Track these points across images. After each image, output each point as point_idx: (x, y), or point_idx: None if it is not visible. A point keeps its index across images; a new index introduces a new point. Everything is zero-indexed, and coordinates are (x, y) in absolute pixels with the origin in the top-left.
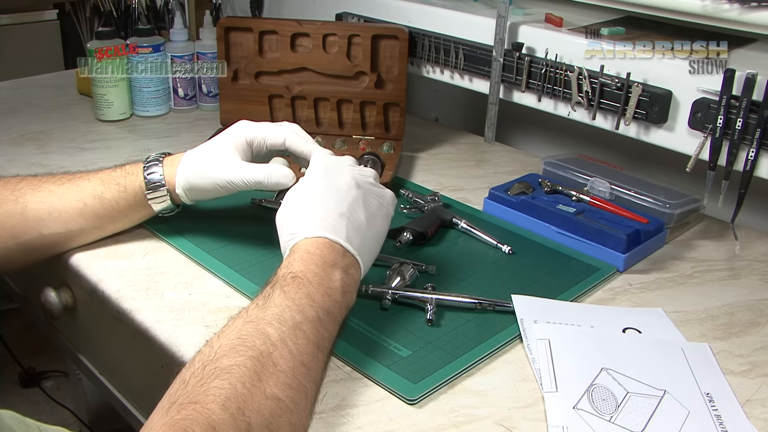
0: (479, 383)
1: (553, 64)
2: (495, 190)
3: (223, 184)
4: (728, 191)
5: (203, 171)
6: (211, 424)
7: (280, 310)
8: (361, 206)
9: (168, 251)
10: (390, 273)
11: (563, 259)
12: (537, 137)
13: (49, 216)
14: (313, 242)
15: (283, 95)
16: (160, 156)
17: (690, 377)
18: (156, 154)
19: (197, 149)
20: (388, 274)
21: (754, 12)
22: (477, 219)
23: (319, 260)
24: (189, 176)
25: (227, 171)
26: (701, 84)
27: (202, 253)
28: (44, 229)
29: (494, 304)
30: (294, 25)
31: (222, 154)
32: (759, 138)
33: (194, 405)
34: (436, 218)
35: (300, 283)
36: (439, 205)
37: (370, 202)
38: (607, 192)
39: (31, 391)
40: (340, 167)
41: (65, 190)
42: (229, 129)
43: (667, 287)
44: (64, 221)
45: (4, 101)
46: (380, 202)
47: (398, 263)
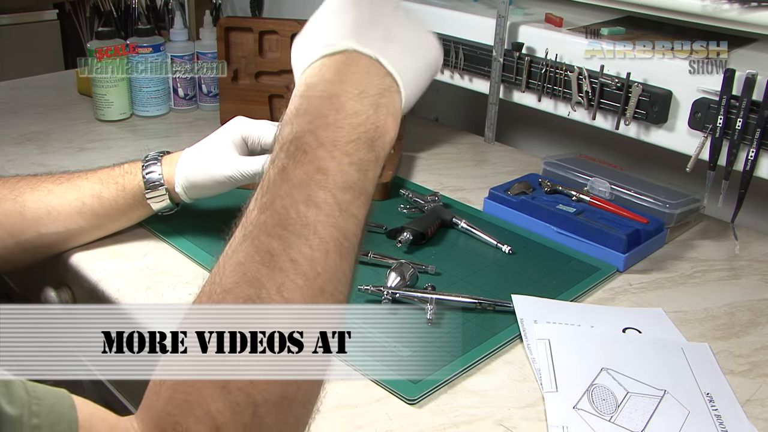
0: (479, 383)
1: (553, 64)
2: (495, 190)
3: (223, 180)
4: (728, 191)
5: (202, 168)
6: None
7: (272, 212)
8: (405, 20)
9: (168, 251)
10: (390, 272)
11: (563, 259)
12: (537, 137)
13: (47, 215)
14: (331, 62)
15: (283, 95)
16: (158, 155)
17: (690, 377)
18: (154, 153)
19: (195, 147)
20: (387, 274)
21: (754, 12)
22: (477, 219)
23: (333, 90)
24: (188, 174)
25: (226, 167)
26: (701, 84)
27: (202, 253)
28: (43, 228)
29: (494, 304)
30: (294, 25)
31: (220, 150)
32: (759, 138)
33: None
34: (436, 218)
35: (301, 147)
36: (439, 205)
37: (417, 24)
38: (607, 192)
39: None
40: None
41: (64, 190)
42: (226, 125)
43: (667, 287)
44: (62, 220)
45: (4, 101)
46: (428, 31)
47: (398, 263)
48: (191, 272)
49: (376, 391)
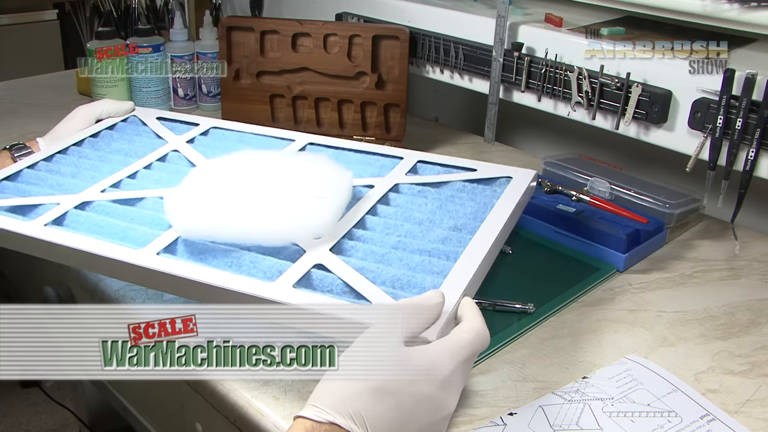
0: (479, 383)
1: (552, 64)
2: None
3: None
4: (728, 191)
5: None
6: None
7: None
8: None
9: None
10: None
11: (563, 259)
12: (537, 137)
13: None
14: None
15: (284, 95)
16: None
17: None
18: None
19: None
20: None
21: (754, 12)
22: None
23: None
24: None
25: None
26: (701, 84)
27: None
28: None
29: (494, 304)
30: (295, 25)
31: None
32: (759, 138)
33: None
34: None
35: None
36: None
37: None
38: (607, 192)
39: (31, 391)
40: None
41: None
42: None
43: (667, 287)
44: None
45: (4, 101)
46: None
47: None
48: None
49: None
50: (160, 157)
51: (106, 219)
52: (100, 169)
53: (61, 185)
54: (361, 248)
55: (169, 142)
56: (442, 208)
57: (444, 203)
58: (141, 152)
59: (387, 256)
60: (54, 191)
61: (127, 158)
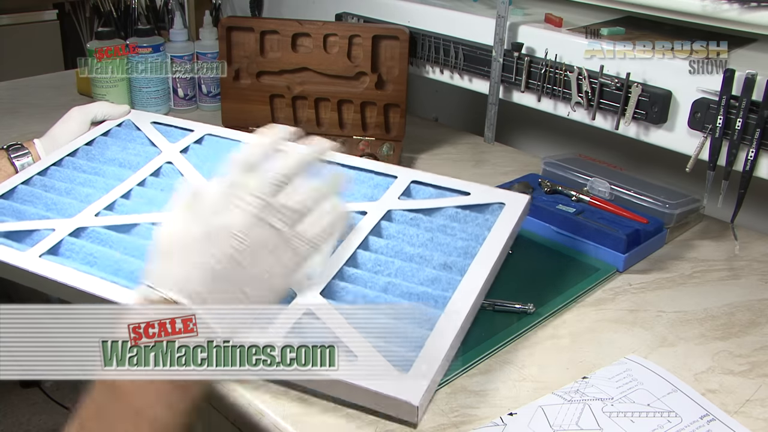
0: (479, 383)
1: (552, 64)
2: None
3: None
4: (728, 191)
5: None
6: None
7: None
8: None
9: None
10: None
11: (563, 259)
12: (537, 137)
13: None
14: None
15: (284, 95)
16: (18, 144)
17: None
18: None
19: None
20: None
21: (754, 12)
22: None
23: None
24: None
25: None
26: (701, 84)
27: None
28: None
29: (494, 304)
30: (295, 25)
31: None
32: (759, 138)
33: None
34: None
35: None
36: None
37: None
38: (607, 192)
39: (31, 391)
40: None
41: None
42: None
43: (667, 287)
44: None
45: (4, 101)
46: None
47: None
48: None
49: None
50: (153, 171)
51: (101, 249)
52: (94, 184)
53: (56, 204)
54: (351, 291)
55: (163, 152)
56: (433, 240)
57: (435, 235)
58: (135, 162)
59: (377, 300)
60: (49, 212)
61: (122, 170)
